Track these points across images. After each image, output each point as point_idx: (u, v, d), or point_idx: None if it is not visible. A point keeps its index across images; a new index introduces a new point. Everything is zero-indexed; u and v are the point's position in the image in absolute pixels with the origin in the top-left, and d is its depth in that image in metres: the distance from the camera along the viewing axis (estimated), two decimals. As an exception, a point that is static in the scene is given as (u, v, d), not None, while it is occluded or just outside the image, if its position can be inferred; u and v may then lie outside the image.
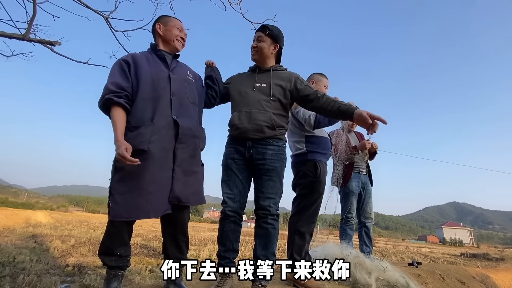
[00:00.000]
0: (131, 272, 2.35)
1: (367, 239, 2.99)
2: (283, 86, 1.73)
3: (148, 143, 1.38)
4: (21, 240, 4.20)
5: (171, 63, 1.63)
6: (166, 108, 1.49)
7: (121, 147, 1.28)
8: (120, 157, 1.27)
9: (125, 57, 1.55)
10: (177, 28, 1.67)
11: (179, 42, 1.67)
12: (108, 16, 2.12)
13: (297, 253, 1.91)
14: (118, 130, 1.36)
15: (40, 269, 2.29)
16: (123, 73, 1.48)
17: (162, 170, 1.41)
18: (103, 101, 1.41)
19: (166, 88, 1.52)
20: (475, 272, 3.72)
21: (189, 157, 1.53)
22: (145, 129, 1.40)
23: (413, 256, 7.70)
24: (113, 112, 1.40)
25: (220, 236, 1.69)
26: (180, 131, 1.48)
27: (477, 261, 8.78)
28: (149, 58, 1.58)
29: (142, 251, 4.20)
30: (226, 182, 1.71)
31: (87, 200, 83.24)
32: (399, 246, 15.73)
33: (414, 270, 2.65)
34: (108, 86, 1.42)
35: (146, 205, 1.35)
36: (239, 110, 1.72)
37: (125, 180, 1.36)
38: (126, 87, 1.44)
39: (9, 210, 9.71)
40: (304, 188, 2.00)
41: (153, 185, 1.37)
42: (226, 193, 1.69)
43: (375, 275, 1.91)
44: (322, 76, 2.29)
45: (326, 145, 2.11)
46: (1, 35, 1.46)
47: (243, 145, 1.68)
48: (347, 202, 2.88)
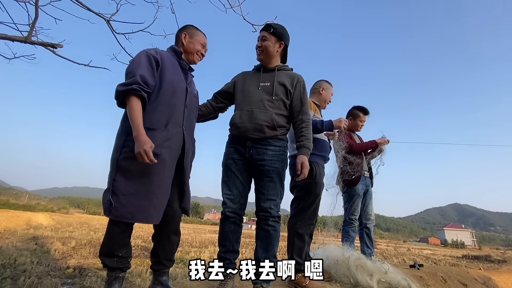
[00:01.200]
0: (132, 274, 2.35)
1: (368, 240, 2.98)
2: (287, 85, 1.70)
3: (161, 148, 1.38)
4: (22, 242, 4.20)
5: (189, 75, 1.68)
6: (179, 118, 1.52)
7: (147, 143, 1.26)
8: (142, 154, 1.24)
9: (153, 52, 1.51)
10: (201, 43, 1.69)
11: (198, 57, 1.70)
12: (110, 19, 2.12)
13: (297, 254, 1.90)
14: (140, 125, 1.32)
15: (40, 271, 2.29)
16: (151, 70, 1.46)
17: (168, 177, 1.43)
18: (127, 89, 1.35)
19: (183, 98, 1.56)
20: (477, 274, 3.70)
21: (189, 170, 1.61)
22: (160, 134, 1.41)
23: (415, 258, 7.66)
24: (134, 104, 1.35)
25: (220, 237, 1.67)
26: (185, 145, 1.52)
27: (479, 263, 8.73)
28: (173, 63, 1.59)
29: (143, 253, 4.19)
30: (226, 183, 1.68)
31: (87, 202, 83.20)
32: (400, 248, 15.67)
33: (416, 272, 2.63)
34: (137, 77, 1.37)
35: (150, 209, 1.35)
36: (241, 109, 1.70)
37: (132, 181, 1.34)
38: (151, 85, 1.44)
39: (10, 212, 9.72)
40: (301, 190, 2.00)
41: (160, 190, 1.38)
42: (226, 194, 1.67)
43: (377, 277, 1.90)
44: (330, 84, 2.34)
45: (324, 147, 2.11)
46: (3, 37, 1.47)
47: (243, 145, 1.66)
48: (352, 204, 2.86)
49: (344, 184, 2.85)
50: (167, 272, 1.58)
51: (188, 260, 1.63)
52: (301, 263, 1.88)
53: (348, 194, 2.90)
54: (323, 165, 2.11)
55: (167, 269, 1.56)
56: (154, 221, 1.38)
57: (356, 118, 3.05)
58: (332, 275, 2.07)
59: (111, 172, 1.38)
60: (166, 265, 1.54)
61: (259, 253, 1.59)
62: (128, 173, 1.34)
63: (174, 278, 2.45)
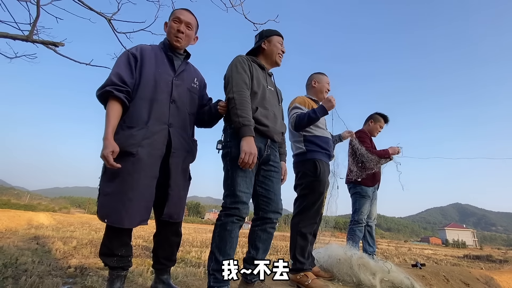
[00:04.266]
0: (133, 274, 2.35)
1: (370, 238, 2.99)
2: (280, 95, 1.83)
3: (138, 146, 1.31)
4: (23, 242, 4.21)
5: (180, 65, 1.55)
6: (163, 114, 1.41)
7: (108, 148, 1.23)
8: (103, 158, 1.22)
9: (133, 49, 1.46)
10: (173, 21, 1.53)
11: (175, 38, 1.53)
12: (111, 18, 2.12)
13: (300, 254, 1.89)
14: (110, 127, 1.28)
15: (42, 270, 2.29)
16: (128, 67, 1.41)
17: (146, 177, 1.32)
18: (102, 91, 1.33)
19: (167, 92, 1.45)
20: (479, 274, 3.68)
21: (181, 171, 1.47)
22: (138, 132, 1.34)
23: (416, 258, 7.64)
24: (110, 106, 1.32)
25: (225, 243, 1.38)
26: (173, 145, 1.41)
27: (481, 263, 8.70)
28: (158, 56, 1.50)
29: (144, 252, 4.19)
30: (244, 179, 1.45)
31: (89, 202, 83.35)
32: (401, 247, 15.64)
33: (418, 271, 2.62)
34: (111, 77, 1.35)
35: (121, 211, 1.26)
36: (264, 107, 1.59)
37: (110, 181, 1.30)
38: (129, 82, 1.38)
39: (12, 211, 9.74)
40: (305, 188, 1.98)
41: (133, 192, 1.28)
42: (244, 192, 1.43)
43: (380, 276, 1.89)
44: (322, 74, 2.30)
45: (327, 144, 2.08)
46: (5, 36, 1.46)
47: (264, 143, 1.56)
48: (361, 204, 2.87)
49: (359, 183, 2.88)
50: (169, 270, 1.57)
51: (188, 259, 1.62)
52: (303, 263, 1.87)
53: (358, 194, 2.91)
54: (327, 162, 2.08)
55: (168, 268, 1.56)
56: (125, 225, 1.27)
57: (377, 123, 3.13)
58: (335, 274, 2.06)
59: (101, 173, 1.37)
60: (166, 265, 1.54)
61: (259, 255, 1.53)
62: (107, 174, 1.32)
63: (175, 277, 2.45)
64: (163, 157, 1.40)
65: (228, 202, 1.43)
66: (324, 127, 2.16)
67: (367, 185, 2.89)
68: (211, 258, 1.39)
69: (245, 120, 1.40)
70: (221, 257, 1.35)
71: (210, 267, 1.37)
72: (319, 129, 2.09)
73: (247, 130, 1.40)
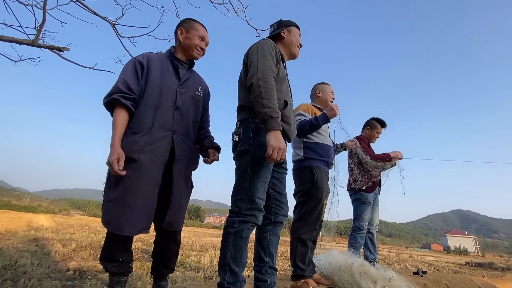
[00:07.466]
0: (132, 278, 2.34)
1: (371, 245, 2.97)
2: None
3: (140, 152, 1.32)
4: (23, 243, 4.20)
5: (184, 74, 1.58)
6: (167, 121, 1.43)
7: (114, 155, 1.25)
8: (109, 164, 1.24)
9: (140, 57, 1.49)
10: (198, 36, 1.59)
11: (198, 51, 1.60)
12: (115, 23, 2.14)
13: (301, 260, 1.88)
14: (117, 134, 1.30)
15: (41, 273, 2.28)
16: (135, 75, 1.43)
17: (147, 184, 1.32)
18: (109, 99, 1.36)
19: (171, 100, 1.47)
20: (481, 282, 3.64)
21: (184, 179, 1.47)
22: (141, 138, 1.35)
23: (417, 265, 7.57)
24: (116, 113, 1.34)
25: (240, 253, 1.23)
26: (176, 152, 1.42)
27: (483, 270, 8.60)
28: (164, 65, 1.53)
29: (143, 256, 4.17)
30: (264, 185, 1.31)
31: (89, 204, 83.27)
32: (402, 254, 15.49)
33: (419, 279, 2.59)
34: (118, 85, 1.37)
35: (122, 217, 1.26)
36: (290, 103, 1.46)
37: (113, 187, 1.31)
38: (135, 90, 1.40)
39: (12, 213, 9.74)
40: (303, 195, 2.00)
41: (133, 198, 1.28)
42: (262, 199, 1.29)
43: (381, 285, 1.87)
44: (325, 84, 2.35)
45: (326, 151, 2.08)
46: (11, 40, 1.48)
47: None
48: (362, 211, 2.86)
49: (359, 189, 2.87)
50: (167, 277, 1.57)
51: (188, 263, 1.61)
52: (304, 269, 1.86)
53: (359, 200, 2.90)
54: (326, 170, 2.08)
55: (166, 275, 1.55)
56: (125, 232, 1.26)
57: (374, 129, 3.10)
58: (336, 281, 2.05)
59: (106, 178, 1.38)
60: (164, 272, 1.53)
61: (275, 262, 1.46)
62: (111, 180, 1.33)
63: (174, 282, 2.43)
64: (166, 164, 1.41)
65: (243, 208, 1.26)
66: (326, 134, 2.17)
67: (367, 191, 2.88)
68: (225, 270, 1.21)
69: (272, 112, 1.18)
70: (237, 268, 1.21)
71: (225, 280, 1.19)
72: (321, 136, 2.10)
73: (274, 122, 1.18)
